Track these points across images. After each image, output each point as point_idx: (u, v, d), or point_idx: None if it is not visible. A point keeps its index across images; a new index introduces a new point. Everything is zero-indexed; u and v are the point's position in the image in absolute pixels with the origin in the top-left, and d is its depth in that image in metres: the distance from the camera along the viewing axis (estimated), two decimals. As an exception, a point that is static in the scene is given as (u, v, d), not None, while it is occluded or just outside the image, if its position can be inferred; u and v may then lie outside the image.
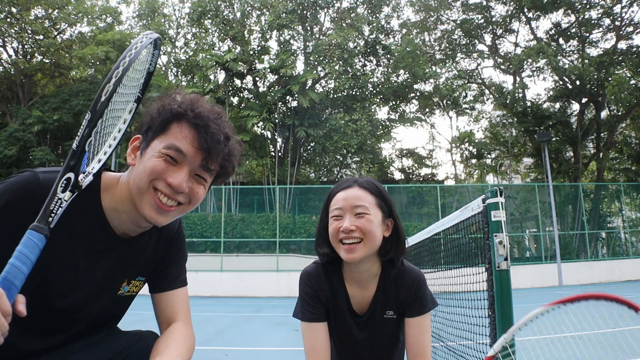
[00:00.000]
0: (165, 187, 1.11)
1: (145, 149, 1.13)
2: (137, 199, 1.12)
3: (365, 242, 1.40)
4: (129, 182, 1.15)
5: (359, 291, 1.53)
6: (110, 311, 1.30)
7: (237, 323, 7.30)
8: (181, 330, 1.32)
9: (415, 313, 1.48)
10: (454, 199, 20.72)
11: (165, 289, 1.35)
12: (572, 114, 24.66)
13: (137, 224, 1.20)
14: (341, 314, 1.53)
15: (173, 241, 1.37)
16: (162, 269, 1.35)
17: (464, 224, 2.25)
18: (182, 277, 1.40)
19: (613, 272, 17.21)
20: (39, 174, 1.11)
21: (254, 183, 24.18)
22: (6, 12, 23.36)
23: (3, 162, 21.74)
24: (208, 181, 1.20)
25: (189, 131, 1.12)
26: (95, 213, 1.15)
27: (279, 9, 22.10)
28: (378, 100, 25.49)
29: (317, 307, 1.51)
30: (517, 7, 23.11)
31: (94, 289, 1.19)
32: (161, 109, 1.15)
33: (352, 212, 1.42)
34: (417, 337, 1.47)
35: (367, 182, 1.50)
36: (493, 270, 1.78)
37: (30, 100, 24.16)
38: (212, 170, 1.17)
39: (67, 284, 0.99)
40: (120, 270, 1.24)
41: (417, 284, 1.50)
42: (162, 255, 1.35)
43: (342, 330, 1.54)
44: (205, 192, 1.21)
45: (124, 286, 1.28)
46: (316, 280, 1.53)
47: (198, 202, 1.20)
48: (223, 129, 1.16)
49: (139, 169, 1.13)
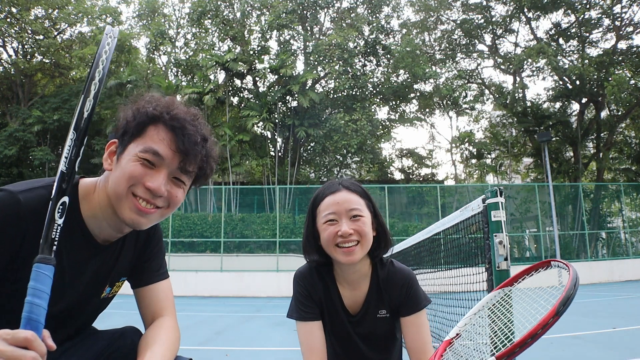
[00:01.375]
0: (144, 191, 1.09)
1: (122, 154, 1.11)
2: (117, 204, 1.10)
3: (362, 244, 1.42)
4: (107, 188, 1.13)
5: (351, 291, 1.54)
6: (93, 313, 1.32)
7: (237, 323, 7.30)
8: (168, 323, 1.31)
9: (409, 311, 1.49)
10: (454, 199, 20.72)
11: (147, 283, 1.35)
12: (572, 114, 24.66)
13: (118, 229, 1.19)
14: (335, 314, 1.54)
15: (150, 237, 1.36)
16: (142, 264, 1.35)
17: (464, 224, 2.25)
18: (163, 270, 1.39)
19: (613, 272, 17.20)
20: (19, 195, 1.06)
21: (254, 183, 24.18)
22: (6, 12, 23.37)
23: (3, 162, 21.75)
24: (187, 184, 1.18)
25: (166, 134, 1.10)
26: (75, 223, 1.13)
27: (279, 9, 22.10)
28: (378, 100, 25.50)
29: (311, 307, 1.52)
30: (517, 7, 23.11)
31: (80, 295, 1.20)
32: (136, 112, 1.12)
33: (348, 216, 1.43)
34: (415, 334, 1.48)
35: (352, 185, 1.51)
36: (493, 270, 1.78)
37: (30, 100, 24.17)
38: (190, 172, 1.15)
39: (55, 293, 0.95)
40: (103, 275, 1.24)
41: (408, 283, 1.51)
42: (140, 252, 1.34)
43: (338, 329, 1.55)
44: (184, 195, 1.19)
45: (107, 289, 1.28)
46: (309, 281, 1.55)
47: (177, 206, 1.19)
48: (200, 131, 1.14)
49: (116, 174, 1.10)
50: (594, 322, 6.16)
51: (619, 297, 10.29)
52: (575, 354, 4.00)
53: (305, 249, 1.55)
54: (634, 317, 6.56)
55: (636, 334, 5.03)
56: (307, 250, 1.54)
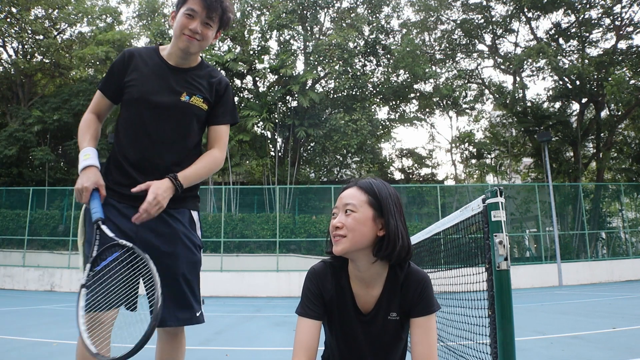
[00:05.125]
0: (188, 31, 1.84)
1: (176, 15, 1.88)
2: (176, 40, 1.89)
3: (349, 238, 1.46)
4: (173, 35, 1.91)
5: (364, 290, 1.55)
6: (180, 115, 1.89)
7: (237, 323, 7.30)
8: (211, 153, 1.95)
9: (421, 313, 1.50)
10: (454, 199, 20.72)
11: (210, 123, 2.00)
12: (572, 114, 24.65)
13: (181, 57, 1.91)
14: (346, 312, 1.55)
15: (218, 90, 1.98)
16: (213, 107, 1.98)
17: (464, 224, 2.25)
18: (223, 117, 2.00)
19: (613, 272, 17.21)
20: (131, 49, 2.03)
21: (254, 183, 24.18)
22: (6, 12, 23.35)
23: (3, 162, 21.74)
24: (214, 27, 1.89)
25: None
26: (157, 57, 1.95)
27: (279, 9, 22.09)
28: (378, 100, 25.49)
29: (317, 306, 1.54)
30: (517, 7, 23.11)
31: (167, 92, 1.88)
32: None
33: (343, 210, 1.50)
34: (423, 337, 1.47)
35: (365, 183, 1.54)
36: (493, 270, 1.78)
37: (30, 100, 24.15)
38: (214, 19, 1.86)
39: (153, 89, 1.86)
40: (178, 85, 1.90)
41: (423, 285, 1.52)
42: (214, 95, 1.98)
43: (346, 327, 1.56)
44: (213, 34, 1.90)
45: (185, 96, 1.90)
46: (322, 279, 1.57)
47: (209, 41, 1.89)
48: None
49: (175, 26, 1.87)
50: (594, 322, 6.17)
51: (619, 297, 10.30)
52: (575, 354, 4.00)
53: (328, 240, 1.62)
54: (634, 317, 6.56)
55: (636, 334, 5.03)
56: (328, 241, 1.61)
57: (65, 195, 19.92)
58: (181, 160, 1.86)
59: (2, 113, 24.50)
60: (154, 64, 1.90)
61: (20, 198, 19.54)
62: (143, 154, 1.83)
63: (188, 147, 1.90)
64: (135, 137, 1.85)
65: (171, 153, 1.85)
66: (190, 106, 1.88)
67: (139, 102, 1.85)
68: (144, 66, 1.90)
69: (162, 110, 1.84)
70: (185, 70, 1.92)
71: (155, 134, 1.84)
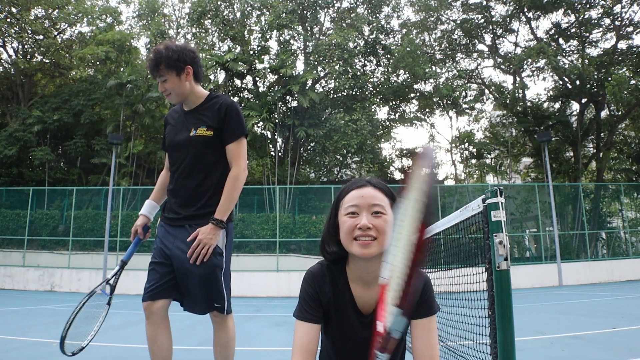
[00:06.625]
0: (163, 92, 2.34)
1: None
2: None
3: (379, 241, 1.40)
4: None
5: (364, 291, 1.52)
6: (192, 147, 2.32)
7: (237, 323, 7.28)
8: (230, 175, 2.29)
9: (422, 315, 1.47)
10: (454, 199, 20.71)
11: (224, 144, 2.32)
12: (572, 114, 24.64)
13: (183, 104, 2.42)
14: (345, 314, 1.53)
15: (226, 111, 2.31)
16: (222, 131, 2.31)
17: (464, 224, 2.25)
18: (231, 135, 2.31)
19: (613, 272, 17.20)
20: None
21: (254, 183, 24.17)
22: (6, 12, 23.35)
23: (3, 162, 21.73)
24: (168, 76, 2.27)
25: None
26: (180, 109, 2.45)
27: (279, 9, 22.09)
28: (378, 100, 25.48)
29: (315, 309, 1.51)
30: (517, 7, 23.11)
31: (182, 132, 2.36)
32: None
33: (369, 211, 1.42)
34: (424, 338, 1.46)
35: (380, 183, 1.51)
36: (493, 270, 1.78)
37: (30, 100, 24.14)
38: (162, 73, 2.26)
39: (175, 133, 2.40)
40: (188, 123, 2.35)
41: (424, 287, 1.49)
42: (220, 119, 2.31)
43: (345, 330, 1.54)
44: (175, 80, 2.27)
45: (193, 131, 2.32)
46: (320, 282, 1.53)
47: (177, 86, 2.29)
48: (156, 50, 2.28)
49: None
50: (594, 322, 6.16)
51: (619, 297, 10.29)
52: (575, 354, 4.00)
53: (325, 240, 1.54)
54: (634, 317, 6.56)
55: (636, 334, 5.03)
56: (326, 241, 1.53)
57: (65, 195, 19.91)
58: (202, 181, 2.31)
59: (2, 113, 24.49)
60: (178, 116, 2.45)
61: (20, 198, 19.53)
62: (175, 184, 2.38)
63: (206, 171, 2.32)
64: (172, 172, 2.42)
65: (191, 179, 2.32)
66: (196, 137, 2.30)
67: (169, 146, 2.44)
68: (172, 120, 2.48)
69: (180, 146, 2.36)
70: (194, 110, 2.38)
71: (179, 166, 2.36)
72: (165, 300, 2.28)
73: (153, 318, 2.27)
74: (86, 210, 19.08)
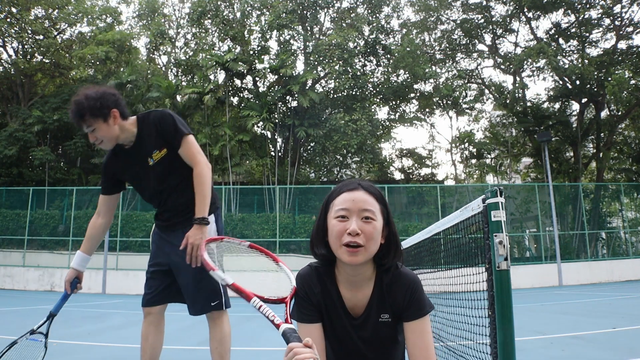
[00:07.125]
0: (92, 139, 2.31)
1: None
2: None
3: (367, 248, 1.39)
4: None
5: (353, 293, 1.51)
6: (154, 175, 2.38)
7: (237, 323, 7.30)
8: (194, 175, 2.33)
9: (413, 317, 1.46)
10: (454, 199, 20.71)
11: (175, 148, 2.33)
12: (572, 114, 24.64)
13: (124, 144, 2.39)
14: (337, 316, 1.52)
15: (157, 125, 2.33)
16: (166, 138, 2.33)
17: (464, 224, 2.25)
18: (178, 141, 2.32)
19: (613, 272, 17.20)
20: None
21: (254, 183, 24.17)
22: (6, 12, 23.35)
23: (3, 162, 21.73)
24: (96, 124, 2.23)
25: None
26: (118, 149, 2.41)
27: (279, 9, 22.09)
28: (378, 100, 25.48)
29: (310, 309, 1.50)
30: (517, 7, 23.11)
31: (139, 168, 2.40)
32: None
33: (359, 216, 1.40)
34: (418, 340, 1.45)
35: (371, 187, 1.49)
36: (493, 270, 1.78)
37: (30, 100, 24.15)
38: (88, 124, 2.23)
39: (128, 171, 2.47)
40: (141, 158, 2.36)
41: (412, 288, 1.48)
42: (159, 132, 2.32)
43: (339, 332, 1.53)
44: (103, 127, 2.25)
45: (149, 159, 2.35)
46: (308, 283, 1.52)
47: (107, 132, 2.26)
48: (75, 100, 2.24)
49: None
50: (594, 322, 6.16)
51: (619, 297, 10.29)
52: (575, 354, 4.00)
53: (314, 241, 1.52)
54: (634, 317, 6.56)
55: (636, 334, 5.03)
56: (315, 243, 1.52)
57: (65, 196, 19.91)
58: (187, 192, 2.38)
59: (2, 113, 24.49)
60: (123, 157, 2.46)
61: (20, 198, 19.54)
62: (162, 207, 2.49)
63: (185, 182, 2.38)
64: (150, 200, 2.56)
65: (177, 196, 2.42)
66: (158, 163, 2.36)
67: (135, 184, 2.56)
68: (117, 164, 2.51)
69: (146, 178, 2.45)
70: (136, 143, 2.38)
71: (155, 193, 2.48)
72: (163, 305, 2.48)
73: (150, 317, 2.46)
74: (86, 210, 19.07)
